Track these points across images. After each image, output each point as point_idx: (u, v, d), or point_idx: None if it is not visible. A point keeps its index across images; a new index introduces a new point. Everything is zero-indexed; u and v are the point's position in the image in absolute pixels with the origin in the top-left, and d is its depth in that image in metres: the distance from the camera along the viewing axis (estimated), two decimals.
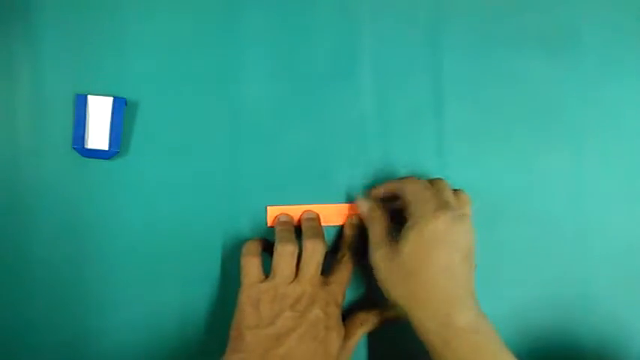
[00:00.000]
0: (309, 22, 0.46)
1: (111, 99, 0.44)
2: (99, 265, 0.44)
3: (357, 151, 0.45)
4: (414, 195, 0.39)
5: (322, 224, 0.44)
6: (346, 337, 0.41)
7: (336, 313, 0.40)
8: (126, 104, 0.44)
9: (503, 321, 0.45)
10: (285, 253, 0.40)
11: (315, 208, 0.44)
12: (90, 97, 0.44)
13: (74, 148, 0.44)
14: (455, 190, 0.41)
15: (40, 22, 0.45)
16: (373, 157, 0.45)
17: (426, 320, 0.36)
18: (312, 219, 0.43)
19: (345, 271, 0.42)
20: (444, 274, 0.37)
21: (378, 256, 0.39)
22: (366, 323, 0.42)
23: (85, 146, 0.44)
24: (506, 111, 0.46)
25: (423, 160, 0.45)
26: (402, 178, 0.42)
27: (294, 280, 0.40)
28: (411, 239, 0.37)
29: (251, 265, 0.40)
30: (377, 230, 0.40)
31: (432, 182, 0.41)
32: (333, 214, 0.44)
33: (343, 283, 0.42)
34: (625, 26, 0.47)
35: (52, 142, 0.44)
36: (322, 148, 0.45)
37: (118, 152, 0.44)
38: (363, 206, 0.42)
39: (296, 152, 0.45)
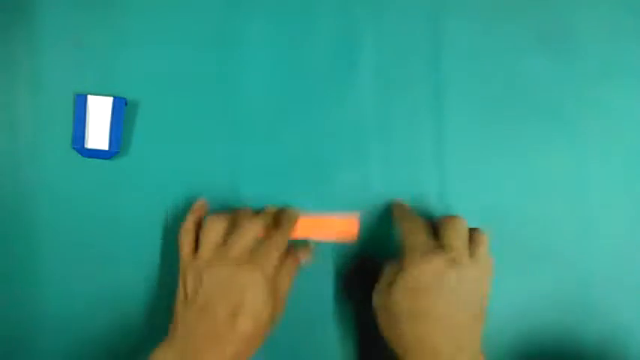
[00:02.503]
0: (309, 23, 0.46)
1: (111, 99, 0.44)
2: (99, 264, 0.44)
3: (357, 151, 0.45)
4: (408, 236, 0.38)
5: (318, 237, 0.43)
6: (284, 296, 0.39)
7: (268, 273, 0.37)
8: (126, 104, 0.44)
9: (503, 321, 0.45)
10: (210, 226, 0.39)
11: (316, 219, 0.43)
12: (90, 97, 0.44)
13: (74, 148, 0.44)
14: (471, 230, 0.39)
15: (40, 22, 0.45)
16: (373, 157, 0.45)
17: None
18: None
19: (278, 235, 0.39)
20: (434, 325, 0.35)
21: (376, 298, 0.38)
22: (293, 274, 0.40)
23: (85, 146, 0.44)
24: (506, 111, 0.46)
25: (422, 160, 0.45)
26: (407, 214, 0.41)
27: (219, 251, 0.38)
28: (399, 286, 0.36)
29: (184, 239, 0.40)
30: (384, 274, 0.39)
31: (441, 221, 0.39)
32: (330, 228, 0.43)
33: (276, 245, 0.39)
34: (624, 26, 0.47)
35: (52, 142, 0.44)
36: (322, 149, 0.45)
37: (118, 152, 0.44)
38: None
39: (296, 152, 0.45)
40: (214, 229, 0.39)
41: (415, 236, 0.38)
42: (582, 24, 0.46)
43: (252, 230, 0.39)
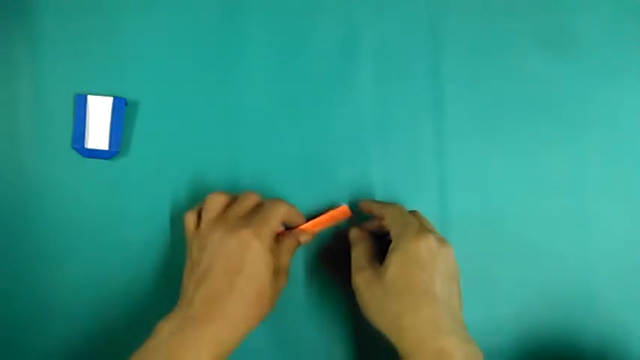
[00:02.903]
0: (309, 22, 0.46)
1: (111, 99, 0.44)
2: (99, 263, 0.44)
3: (357, 151, 0.45)
4: (397, 218, 0.39)
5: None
6: (284, 268, 0.39)
7: (261, 240, 0.37)
8: (126, 104, 0.44)
9: (503, 321, 0.45)
10: (211, 200, 0.39)
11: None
12: (90, 97, 0.44)
13: (74, 148, 0.44)
14: None
15: (40, 23, 0.45)
16: (373, 157, 0.45)
17: (415, 352, 0.34)
18: None
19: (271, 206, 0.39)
20: (428, 297, 0.35)
21: (359, 279, 0.37)
22: (293, 251, 0.40)
23: (85, 146, 0.44)
24: (506, 111, 0.46)
25: (423, 160, 0.45)
26: (384, 203, 0.41)
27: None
28: (394, 262, 0.36)
29: (188, 220, 0.40)
30: (359, 252, 0.39)
31: (410, 212, 0.41)
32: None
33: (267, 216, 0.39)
34: (624, 26, 0.47)
35: (52, 142, 0.44)
36: (322, 149, 0.45)
37: (118, 152, 0.44)
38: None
39: (296, 152, 0.45)
40: (214, 203, 0.39)
41: (404, 217, 0.39)
42: (583, 24, 0.46)
43: (250, 201, 0.39)
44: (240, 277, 0.36)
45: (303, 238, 0.41)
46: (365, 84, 0.46)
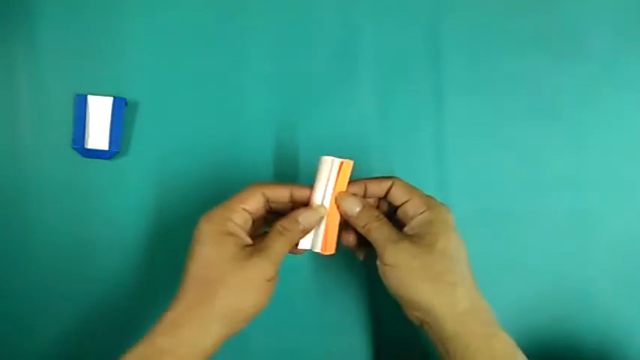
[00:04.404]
0: (309, 23, 0.46)
1: (111, 99, 0.44)
2: (99, 263, 0.44)
3: (357, 151, 0.45)
4: (413, 189, 0.38)
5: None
6: (264, 249, 0.36)
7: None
8: (126, 104, 0.44)
9: (503, 319, 0.45)
10: None
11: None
12: (90, 97, 0.44)
13: (74, 148, 0.44)
14: None
15: (40, 23, 0.45)
16: (373, 156, 0.45)
17: (455, 306, 0.35)
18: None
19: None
20: (466, 261, 0.37)
21: (396, 251, 0.36)
22: (286, 232, 0.37)
23: (85, 146, 0.44)
24: (506, 112, 0.46)
25: (423, 160, 0.45)
26: (382, 177, 0.39)
27: None
28: (442, 232, 0.36)
29: None
30: (385, 228, 0.37)
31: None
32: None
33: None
34: (626, 28, 0.47)
35: (52, 142, 0.44)
36: (322, 149, 0.45)
37: (118, 152, 0.44)
38: (353, 205, 0.38)
39: (296, 152, 0.45)
40: None
41: (413, 187, 0.38)
42: (583, 24, 0.46)
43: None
44: (189, 261, 0.35)
45: (301, 217, 0.37)
46: (365, 84, 0.46)
